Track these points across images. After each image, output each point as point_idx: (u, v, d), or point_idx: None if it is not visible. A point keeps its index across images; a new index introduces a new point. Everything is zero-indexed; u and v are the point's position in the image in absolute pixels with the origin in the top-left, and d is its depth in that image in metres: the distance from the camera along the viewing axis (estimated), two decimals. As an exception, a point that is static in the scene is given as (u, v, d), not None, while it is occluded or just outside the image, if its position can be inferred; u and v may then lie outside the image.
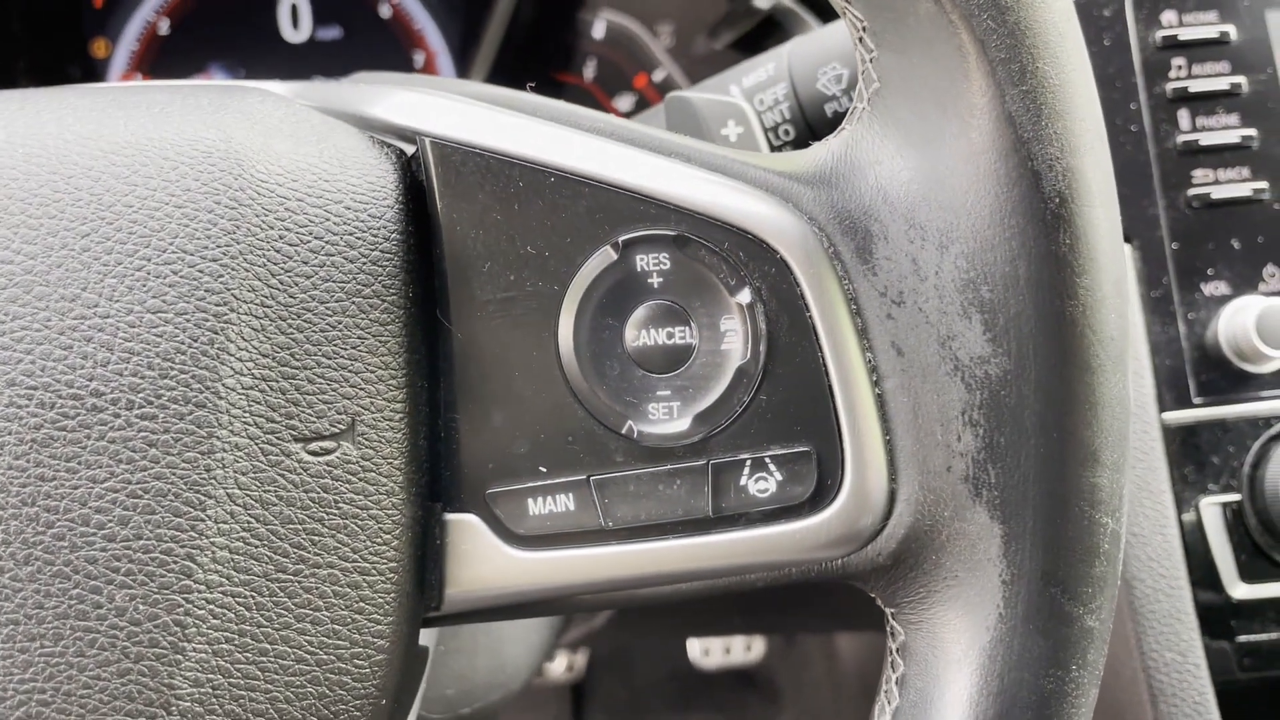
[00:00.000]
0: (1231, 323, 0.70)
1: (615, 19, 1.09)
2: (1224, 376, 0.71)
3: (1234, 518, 0.70)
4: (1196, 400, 0.70)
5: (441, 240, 0.41)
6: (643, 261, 0.40)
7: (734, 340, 0.40)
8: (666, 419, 0.40)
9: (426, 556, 0.41)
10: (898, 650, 0.41)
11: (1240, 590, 0.70)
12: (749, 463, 0.40)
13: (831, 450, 0.40)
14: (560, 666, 2.02)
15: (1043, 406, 0.38)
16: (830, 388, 0.39)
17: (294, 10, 1.10)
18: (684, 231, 0.40)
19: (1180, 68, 0.74)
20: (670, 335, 0.41)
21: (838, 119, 0.54)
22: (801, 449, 0.40)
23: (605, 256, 0.40)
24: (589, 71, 1.10)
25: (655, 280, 0.40)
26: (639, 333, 0.41)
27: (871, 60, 0.41)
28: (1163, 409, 0.70)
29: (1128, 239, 0.72)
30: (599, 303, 0.41)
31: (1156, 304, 0.71)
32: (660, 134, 0.42)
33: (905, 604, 0.41)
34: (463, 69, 1.08)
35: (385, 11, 1.10)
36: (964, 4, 0.36)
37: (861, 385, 0.40)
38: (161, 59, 1.09)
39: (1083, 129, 0.37)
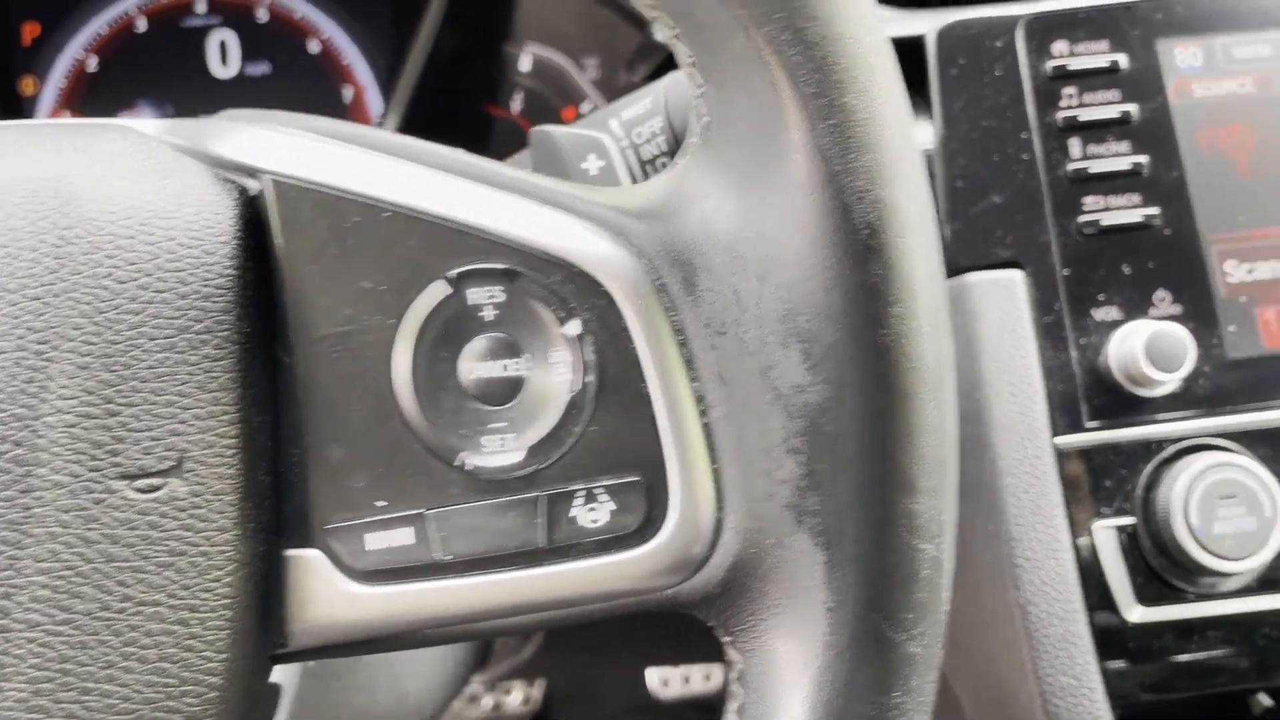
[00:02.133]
0: (1122, 347, 0.71)
1: (541, 52, 1.10)
2: (1116, 400, 0.71)
3: (1129, 541, 0.70)
4: (1089, 424, 0.71)
5: (280, 275, 0.41)
6: (475, 295, 0.41)
7: (564, 373, 0.40)
8: (500, 451, 0.41)
9: (270, 593, 0.41)
10: (736, 679, 0.41)
11: (1136, 613, 0.70)
12: (581, 494, 0.40)
13: (660, 480, 0.40)
14: (516, 699, 2.01)
15: (860, 434, 0.38)
16: (657, 419, 0.40)
17: (223, 47, 1.10)
18: (514, 266, 0.40)
19: (1071, 96, 0.75)
20: (504, 368, 0.41)
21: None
22: (631, 479, 0.40)
23: (439, 290, 0.41)
24: (516, 104, 1.11)
25: (488, 314, 0.41)
26: (473, 365, 0.41)
27: (701, 94, 0.41)
28: (1055, 433, 0.71)
29: (1020, 265, 0.73)
30: (434, 336, 0.41)
31: (1049, 330, 0.72)
32: (501, 169, 0.43)
33: (739, 632, 0.41)
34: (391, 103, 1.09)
35: (314, 47, 1.11)
36: (773, 39, 0.37)
37: (688, 416, 0.40)
38: (90, 96, 1.09)
39: (893, 161, 0.38)
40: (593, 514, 0.40)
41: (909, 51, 0.78)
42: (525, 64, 1.10)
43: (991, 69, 0.76)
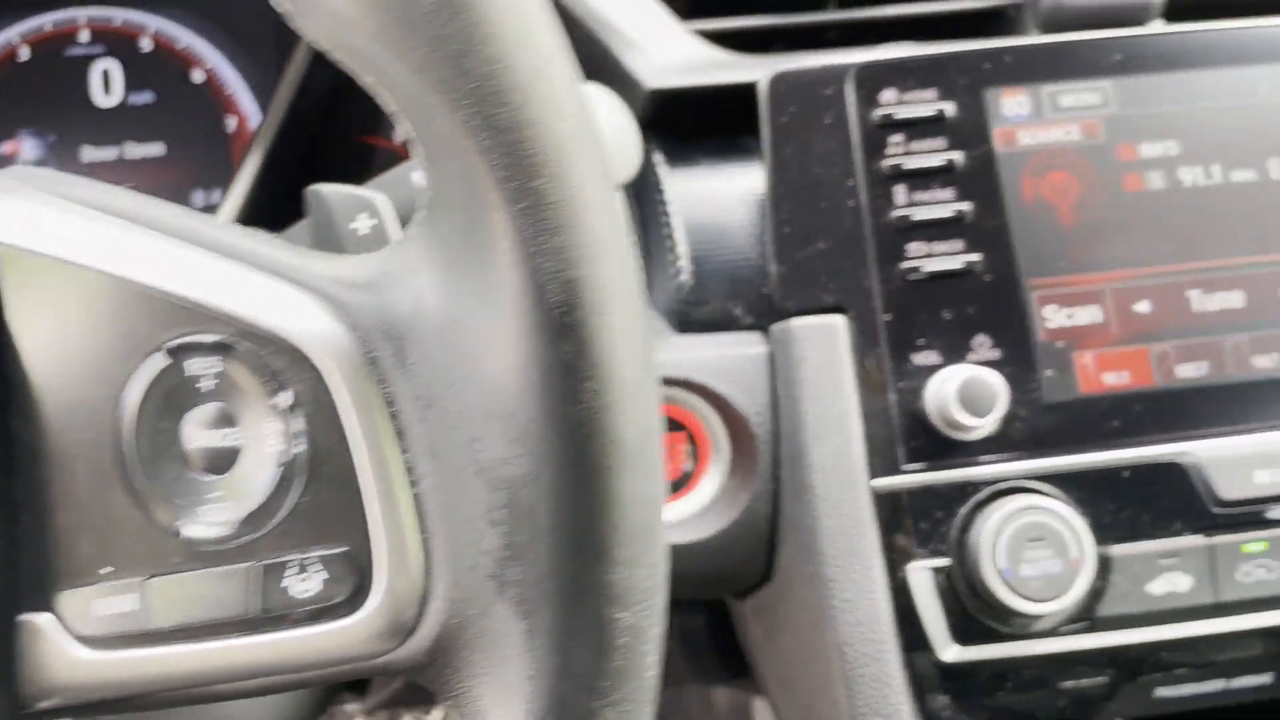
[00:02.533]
0: (939, 392, 0.72)
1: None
2: (933, 443, 0.73)
3: (944, 581, 0.72)
4: (906, 467, 0.72)
5: (11, 344, 0.42)
6: (193, 366, 0.42)
7: (277, 444, 0.41)
8: (215, 522, 0.41)
9: (7, 657, 0.42)
10: (459, 741, 0.42)
11: (952, 653, 0.72)
12: (294, 564, 0.41)
13: (368, 551, 0.41)
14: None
15: (558, 506, 0.39)
16: (364, 491, 0.41)
17: (106, 76, 1.10)
18: (228, 338, 0.41)
19: (898, 144, 0.77)
20: (222, 438, 0.42)
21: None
22: (341, 550, 0.41)
23: (158, 362, 0.41)
24: (397, 135, 1.12)
25: (206, 384, 0.42)
26: (192, 435, 0.42)
27: (424, 169, 0.42)
28: (873, 475, 0.72)
29: (843, 311, 0.75)
30: (155, 407, 0.42)
31: (869, 374, 0.74)
32: (236, 235, 0.44)
33: (453, 697, 0.42)
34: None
35: (198, 76, 1.11)
36: (468, 123, 0.38)
37: (397, 487, 0.41)
38: (-29, 125, 1.09)
39: (589, 241, 0.39)
40: (304, 583, 0.41)
41: (746, 97, 0.79)
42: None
43: (821, 117, 0.77)
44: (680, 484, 0.77)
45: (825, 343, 0.74)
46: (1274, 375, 0.75)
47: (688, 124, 0.85)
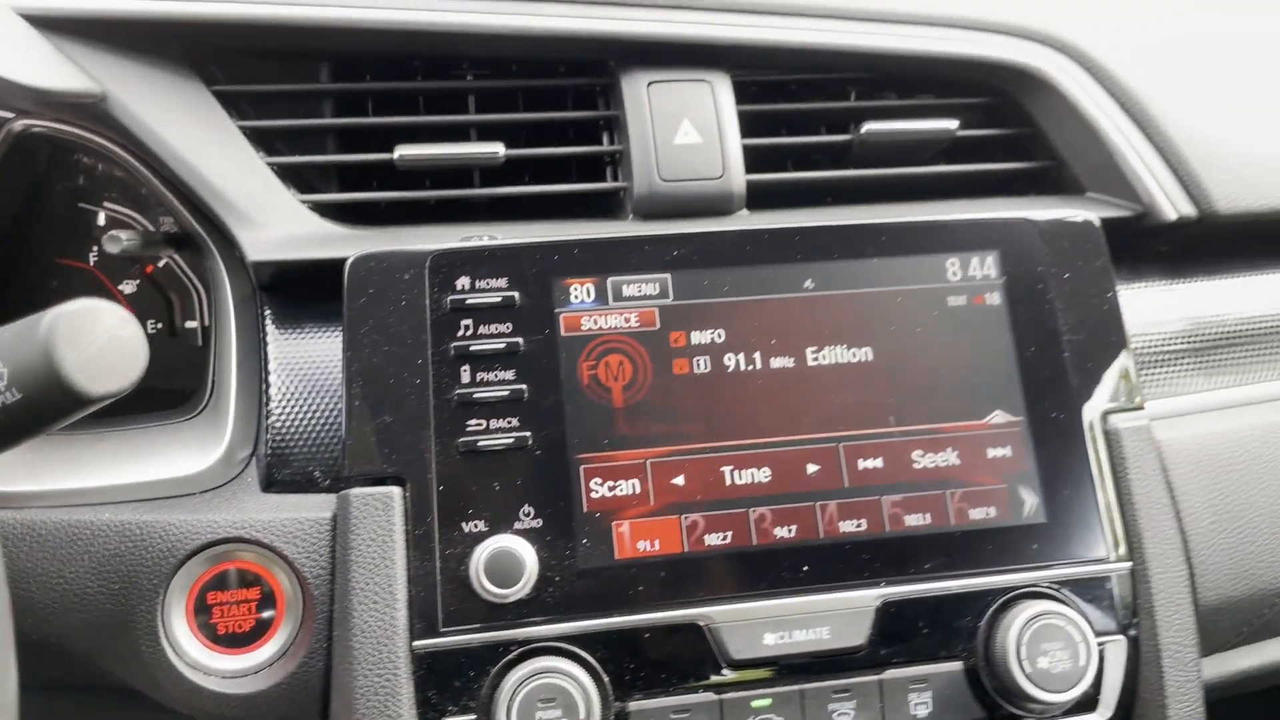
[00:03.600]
0: (479, 559, 0.80)
1: (116, 209, 1.14)
2: (473, 608, 0.80)
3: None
4: (444, 630, 0.80)
5: None
6: None
7: None
8: None
9: None
10: None
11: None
12: None
13: None
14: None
15: None
16: None
17: None
18: None
19: (467, 328, 0.85)
20: None
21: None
22: None
23: None
24: (93, 257, 1.15)
25: None
26: None
27: None
28: (414, 637, 0.79)
29: (401, 482, 0.82)
30: None
31: (419, 540, 0.81)
32: None
33: None
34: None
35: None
36: None
37: None
38: None
39: None
40: None
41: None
42: (101, 219, 1.14)
43: (399, 298, 0.85)
44: (253, 637, 0.83)
45: (380, 511, 0.81)
46: (791, 544, 0.85)
47: (302, 289, 0.92)
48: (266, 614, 0.83)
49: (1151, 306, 1.03)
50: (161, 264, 1.10)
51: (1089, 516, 0.89)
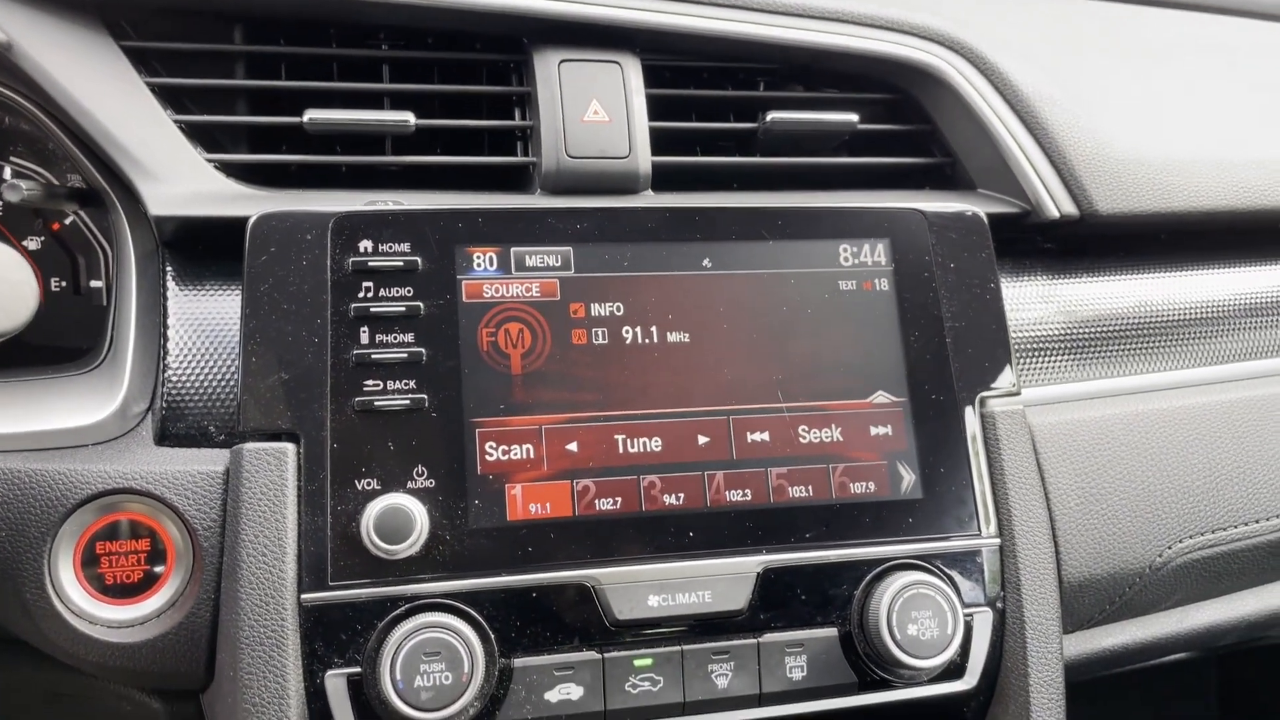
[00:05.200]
0: (370, 516, 0.81)
1: (21, 164, 1.13)
2: (362, 563, 0.81)
3: (355, 689, 0.80)
4: (333, 583, 0.81)
5: None
6: None
7: None
8: None
9: None
10: None
11: (367, 755, 0.80)
12: None
13: None
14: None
15: None
16: None
17: None
18: None
19: (368, 290, 0.86)
20: None
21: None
22: None
23: None
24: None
25: None
26: None
27: None
28: (302, 590, 0.80)
29: (295, 438, 0.83)
30: None
31: (311, 496, 0.82)
32: None
33: None
34: None
35: None
36: None
37: None
38: None
39: None
40: None
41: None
42: (6, 173, 1.12)
43: (300, 259, 0.86)
44: (141, 589, 0.83)
45: (273, 466, 0.82)
46: (679, 511, 0.88)
47: (205, 247, 0.92)
48: (156, 567, 0.83)
49: (1033, 302, 1.09)
50: (68, 221, 1.09)
51: (963, 494, 0.93)
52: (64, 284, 1.07)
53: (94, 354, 0.95)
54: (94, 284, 1.08)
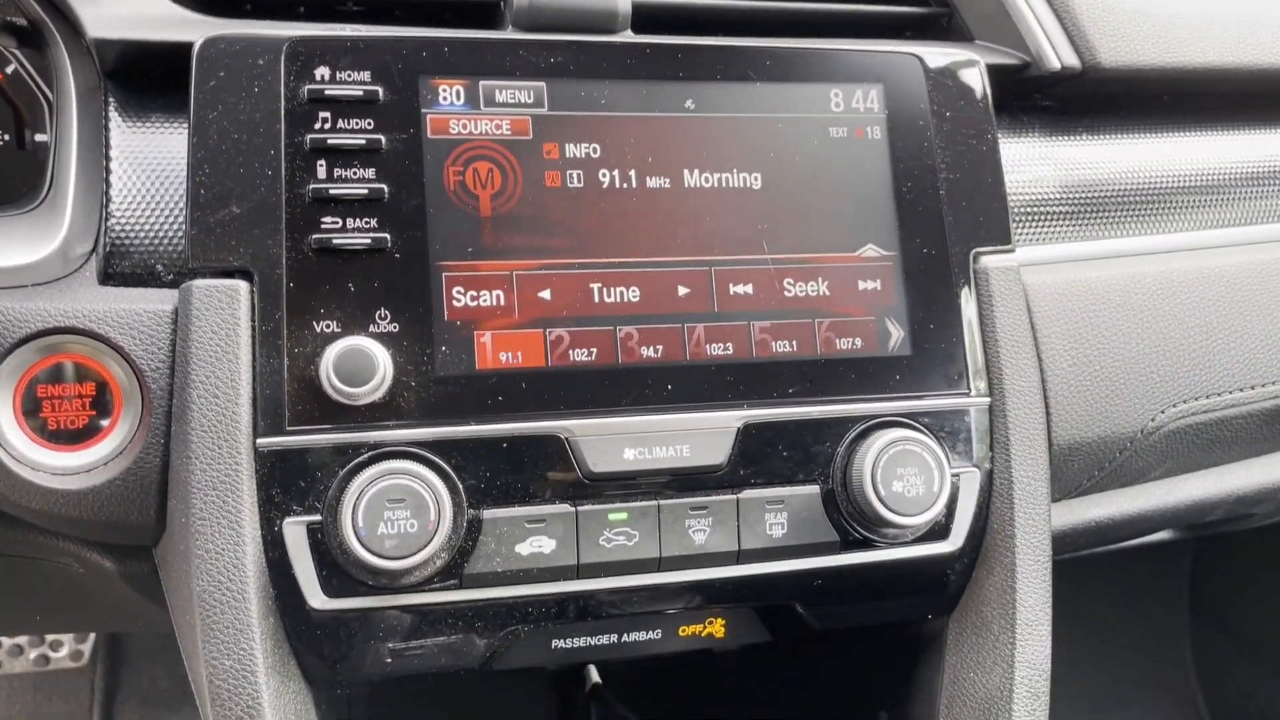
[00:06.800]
0: (329, 358, 0.76)
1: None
2: (321, 408, 0.77)
3: (316, 537, 0.76)
4: (290, 428, 0.76)
5: None
6: None
7: None
8: None
9: None
10: None
11: (319, 602, 0.77)
12: None
13: None
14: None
15: None
16: None
17: None
18: None
19: (325, 121, 0.80)
20: None
21: None
22: None
23: None
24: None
25: None
26: None
27: None
28: (258, 435, 0.76)
29: (249, 276, 0.77)
30: None
31: (266, 337, 0.77)
32: None
33: None
34: None
35: None
36: None
37: None
38: None
39: None
40: None
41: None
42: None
43: (251, 85, 0.79)
44: (87, 435, 0.78)
45: (225, 304, 0.77)
46: (656, 364, 0.84)
47: (151, 81, 0.86)
48: (104, 415, 0.79)
49: (1030, 162, 1.04)
50: (10, 69, 1.02)
51: (952, 352, 0.90)
52: (7, 138, 1.01)
53: (34, 195, 0.89)
54: (39, 138, 1.01)
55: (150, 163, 0.84)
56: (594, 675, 1.31)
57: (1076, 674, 1.92)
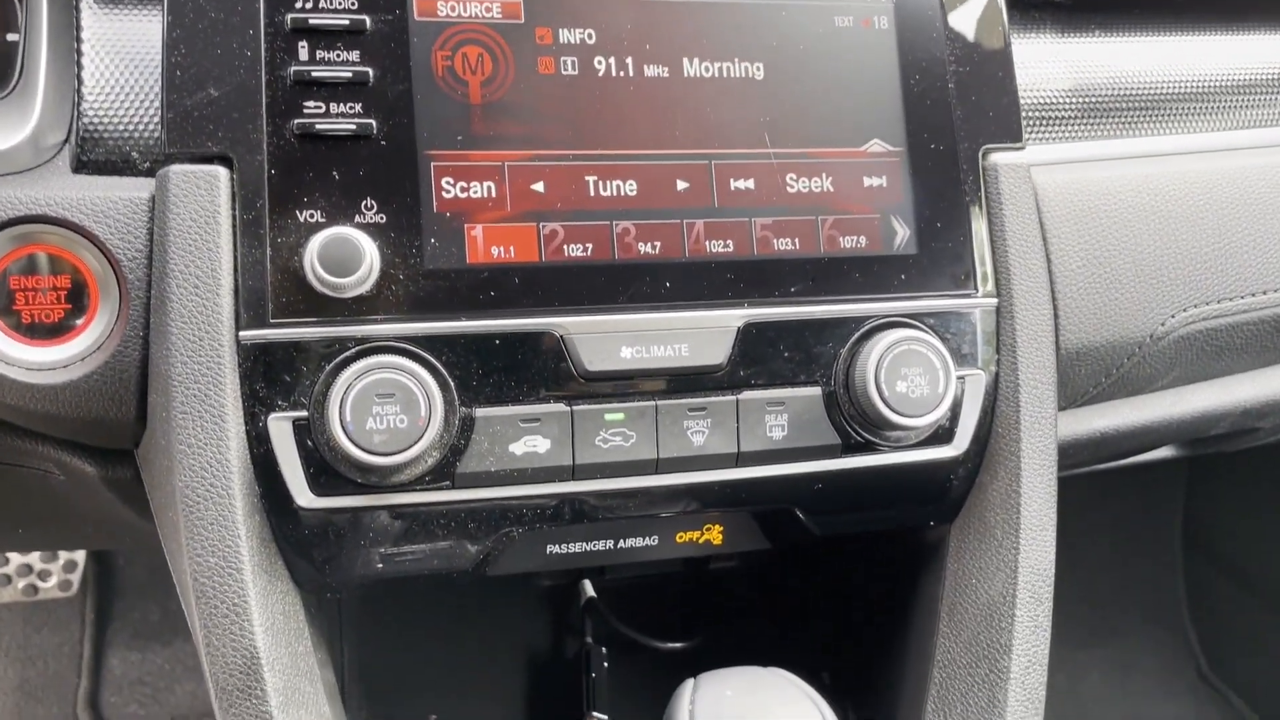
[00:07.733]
0: (314, 248, 0.73)
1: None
2: (306, 300, 0.74)
3: (301, 433, 0.74)
4: (274, 320, 0.73)
5: None
6: None
7: None
8: None
9: None
10: None
11: (306, 500, 0.74)
12: None
13: None
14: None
15: None
16: None
17: None
18: None
19: None
20: None
21: None
22: None
23: None
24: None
25: None
26: None
27: None
28: (240, 327, 0.73)
29: (228, 161, 0.74)
30: None
31: (248, 226, 0.74)
32: None
33: None
34: None
35: None
36: None
37: None
38: None
39: None
40: None
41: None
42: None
43: (228, -39, 0.75)
44: (63, 329, 0.75)
45: (204, 191, 0.73)
46: (654, 261, 0.81)
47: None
48: (79, 307, 0.75)
49: (1040, 61, 1.00)
50: (-25, -36, 0.97)
51: (960, 251, 0.87)
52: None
53: (3, 86, 0.85)
54: (10, 37, 0.97)
55: (124, 48, 0.80)
56: (589, 590, 1.30)
57: (1069, 607, 1.93)
